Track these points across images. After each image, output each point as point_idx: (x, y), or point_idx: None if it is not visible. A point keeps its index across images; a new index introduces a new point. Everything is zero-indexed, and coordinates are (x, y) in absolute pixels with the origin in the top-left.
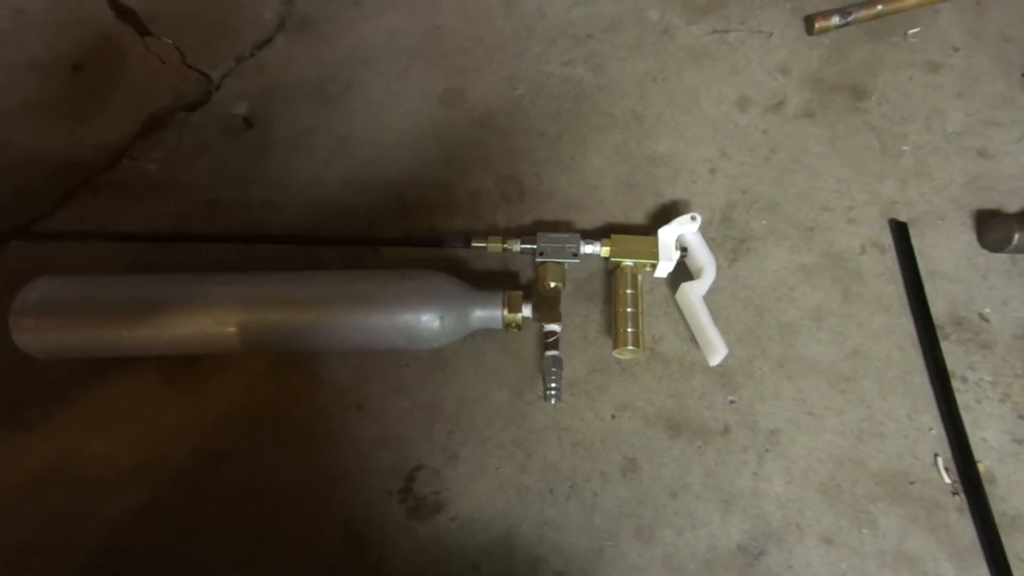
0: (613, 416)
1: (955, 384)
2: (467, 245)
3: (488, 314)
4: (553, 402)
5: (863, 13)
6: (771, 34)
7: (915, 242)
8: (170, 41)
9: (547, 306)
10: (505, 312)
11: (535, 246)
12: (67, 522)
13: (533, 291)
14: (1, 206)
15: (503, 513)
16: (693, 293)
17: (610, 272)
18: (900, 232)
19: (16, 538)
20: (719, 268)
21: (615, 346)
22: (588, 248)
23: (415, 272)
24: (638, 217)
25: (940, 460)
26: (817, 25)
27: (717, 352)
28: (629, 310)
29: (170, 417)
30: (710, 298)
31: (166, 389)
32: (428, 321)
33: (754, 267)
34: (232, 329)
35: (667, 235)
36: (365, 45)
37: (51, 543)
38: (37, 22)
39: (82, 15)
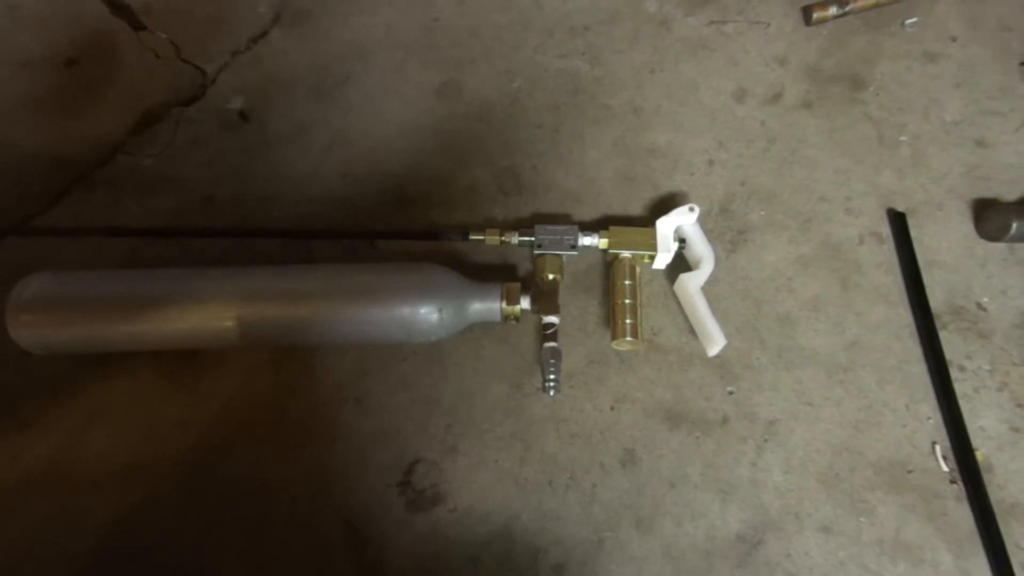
0: (612, 408)
1: (953, 373)
2: (465, 238)
3: (486, 306)
4: (552, 394)
5: (861, 3)
6: (769, 25)
7: (913, 232)
8: (165, 35)
9: (545, 298)
10: (503, 304)
11: (533, 238)
12: (65, 519)
13: (531, 283)
14: None
15: (502, 505)
16: (691, 284)
17: (608, 264)
18: (898, 222)
19: (15, 536)
20: (717, 259)
21: (613, 337)
22: (586, 240)
23: (413, 265)
24: (636, 209)
25: (938, 449)
26: (815, 15)
27: (715, 343)
28: (627, 301)
29: (167, 413)
30: (708, 289)
31: (163, 384)
32: (426, 314)
33: (752, 258)
34: (229, 323)
35: (665, 226)
36: (361, 39)
37: (50, 541)
38: (31, 18)
39: (76, 10)
